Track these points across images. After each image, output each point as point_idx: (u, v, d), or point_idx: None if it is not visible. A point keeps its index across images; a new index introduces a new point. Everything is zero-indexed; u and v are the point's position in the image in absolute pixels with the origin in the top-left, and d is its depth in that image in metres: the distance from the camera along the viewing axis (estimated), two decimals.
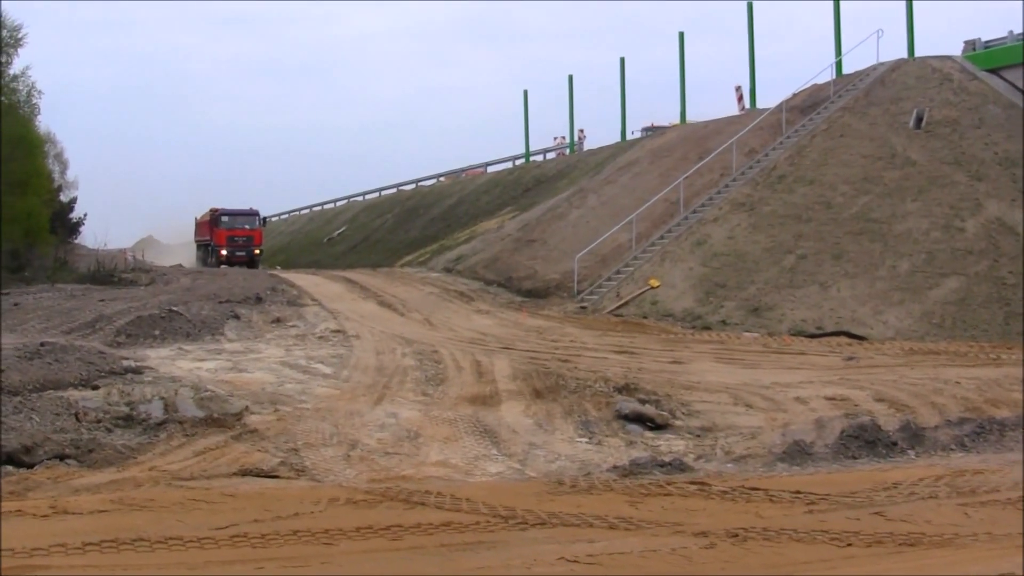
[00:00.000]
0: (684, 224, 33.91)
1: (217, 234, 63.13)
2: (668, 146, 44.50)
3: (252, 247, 62.91)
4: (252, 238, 63.12)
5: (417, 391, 17.80)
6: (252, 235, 63.15)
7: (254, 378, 18.57)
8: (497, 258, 40.52)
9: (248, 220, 63.61)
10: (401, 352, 22.46)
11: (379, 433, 14.28)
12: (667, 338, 25.72)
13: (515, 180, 60.04)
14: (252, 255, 62.55)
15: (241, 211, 64.41)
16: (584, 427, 14.90)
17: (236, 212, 64.21)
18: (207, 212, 67.80)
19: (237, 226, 62.93)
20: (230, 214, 63.71)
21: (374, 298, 34.54)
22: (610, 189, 42.65)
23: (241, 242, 62.59)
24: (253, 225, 63.68)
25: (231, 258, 61.69)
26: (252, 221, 63.79)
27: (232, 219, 63.25)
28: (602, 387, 17.37)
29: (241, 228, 63.02)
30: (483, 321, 29.43)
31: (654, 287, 30.34)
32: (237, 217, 63.61)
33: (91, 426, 13.83)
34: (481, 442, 13.94)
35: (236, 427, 14.12)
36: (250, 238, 62.96)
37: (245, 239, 62.69)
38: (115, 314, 26.50)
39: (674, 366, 20.87)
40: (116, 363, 18.73)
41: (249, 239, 62.88)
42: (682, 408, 16.15)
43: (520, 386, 18.07)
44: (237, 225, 62.98)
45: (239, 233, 62.65)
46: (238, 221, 63.26)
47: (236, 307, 28.97)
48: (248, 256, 62.27)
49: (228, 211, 64.08)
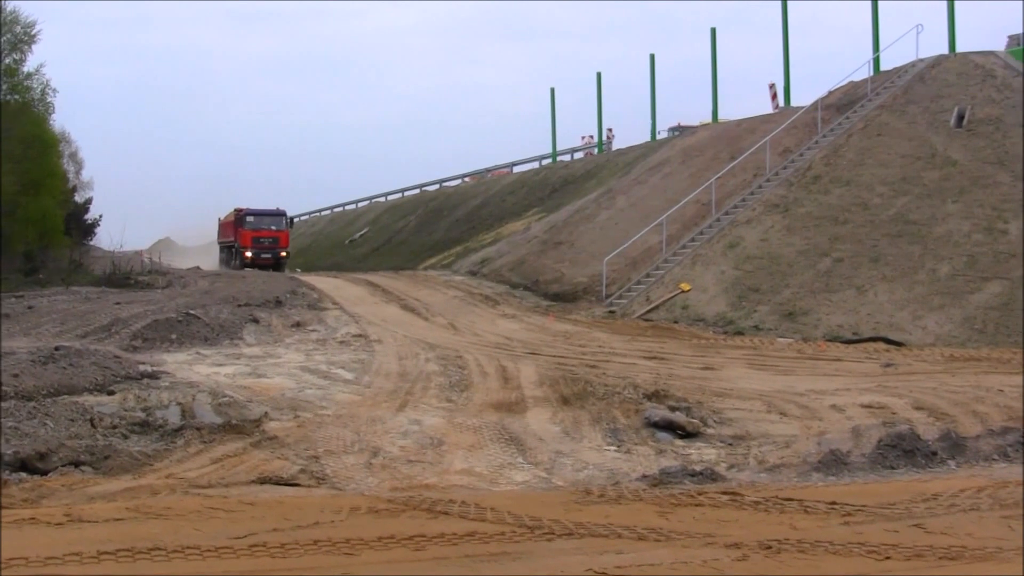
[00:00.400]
0: (716, 226, 33.85)
1: (242, 235, 61.85)
2: (699, 145, 44.44)
3: (278, 249, 61.67)
4: (278, 239, 61.84)
5: (441, 397, 17.81)
6: (278, 236, 61.85)
7: (273, 383, 18.62)
8: (523, 261, 40.52)
9: (274, 220, 62.35)
10: (424, 357, 22.48)
11: (402, 440, 14.28)
12: (698, 343, 25.67)
13: (542, 180, 60.04)
14: (278, 257, 61.38)
15: (267, 211, 63.35)
16: (612, 435, 14.87)
17: (262, 212, 62.93)
18: (231, 212, 66.76)
19: (263, 227, 61.69)
20: (255, 214, 62.44)
21: (397, 302, 34.57)
22: (639, 190, 42.63)
23: (267, 244, 61.37)
24: (280, 226, 62.40)
25: (256, 260, 60.41)
26: (279, 222, 62.53)
27: (258, 219, 61.96)
28: (631, 394, 17.34)
29: (267, 229, 61.75)
30: (509, 325, 29.43)
31: (685, 291, 30.29)
32: (263, 217, 62.34)
33: (107, 432, 13.88)
34: (507, 450, 13.93)
35: (255, 434, 14.15)
36: (276, 239, 61.71)
37: (271, 240, 61.46)
38: (131, 317, 26.59)
39: (705, 372, 20.83)
40: (132, 368, 18.81)
41: (275, 241, 61.65)
42: (714, 416, 16.10)
43: (547, 392, 18.06)
44: (263, 226, 61.72)
45: (265, 234, 61.44)
46: (264, 221, 62.00)
47: (255, 311, 29.05)
48: (274, 258, 61.04)
49: (253, 211, 62.78)
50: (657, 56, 56.19)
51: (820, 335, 25.91)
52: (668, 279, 31.64)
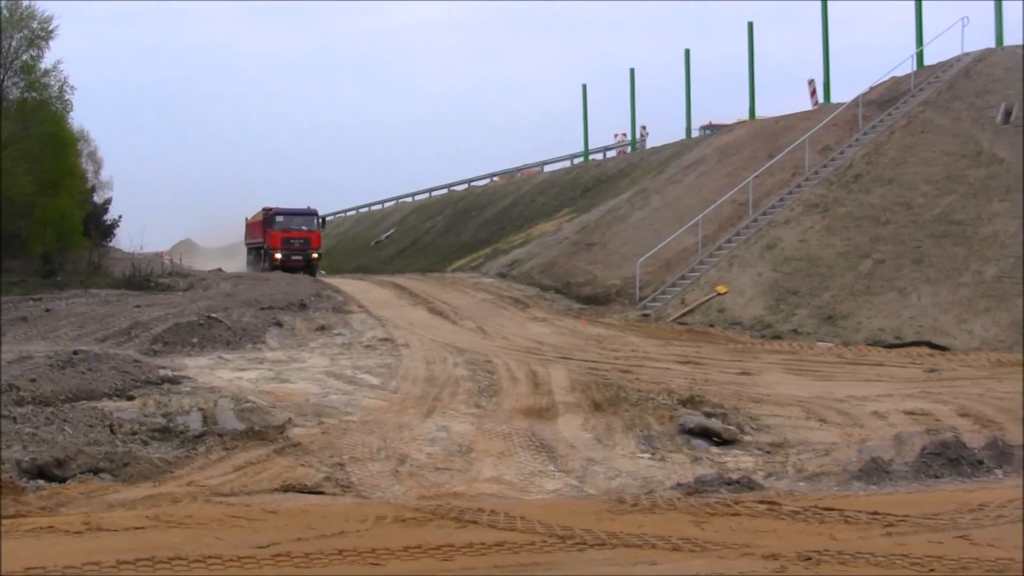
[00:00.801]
0: (753, 227, 33.77)
1: (271, 236, 60.28)
2: (736, 144, 44.35)
3: (309, 250, 60.18)
4: (309, 240, 60.38)
5: (469, 403, 17.83)
6: (309, 237, 60.36)
7: (297, 389, 18.67)
8: (554, 263, 40.52)
9: (305, 220, 60.94)
10: (452, 362, 22.50)
11: (429, 447, 14.30)
12: (735, 348, 25.61)
13: (573, 180, 59.99)
14: (309, 259, 59.78)
15: (298, 210, 62.06)
16: (646, 442, 14.86)
17: (292, 211, 61.52)
18: (259, 212, 65.50)
19: (293, 227, 60.16)
20: (285, 213, 60.97)
21: (424, 305, 34.62)
22: (674, 189, 42.57)
23: (297, 245, 59.94)
24: (311, 226, 61.00)
25: (286, 262, 58.79)
26: (310, 222, 61.12)
27: (287, 219, 60.45)
28: (665, 400, 17.32)
29: (297, 229, 60.23)
30: (539, 329, 29.43)
31: (721, 294, 30.22)
32: (293, 217, 60.85)
33: (126, 438, 13.94)
34: (537, 457, 13.93)
35: (278, 440, 14.19)
36: (307, 240, 60.25)
37: (302, 241, 60.00)
38: (151, 321, 26.71)
39: (742, 378, 20.78)
40: (152, 372, 18.90)
41: (306, 241, 60.18)
42: (751, 422, 16.06)
43: (578, 398, 18.05)
44: (293, 226, 60.20)
45: (295, 235, 59.92)
46: (294, 221, 60.50)
47: (279, 314, 29.14)
48: (305, 260, 59.49)
49: (283, 210, 61.36)
50: (692, 51, 56.25)
51: (861, 339, 25.80)
52: (704, 281, 31.58)
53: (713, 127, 58.03)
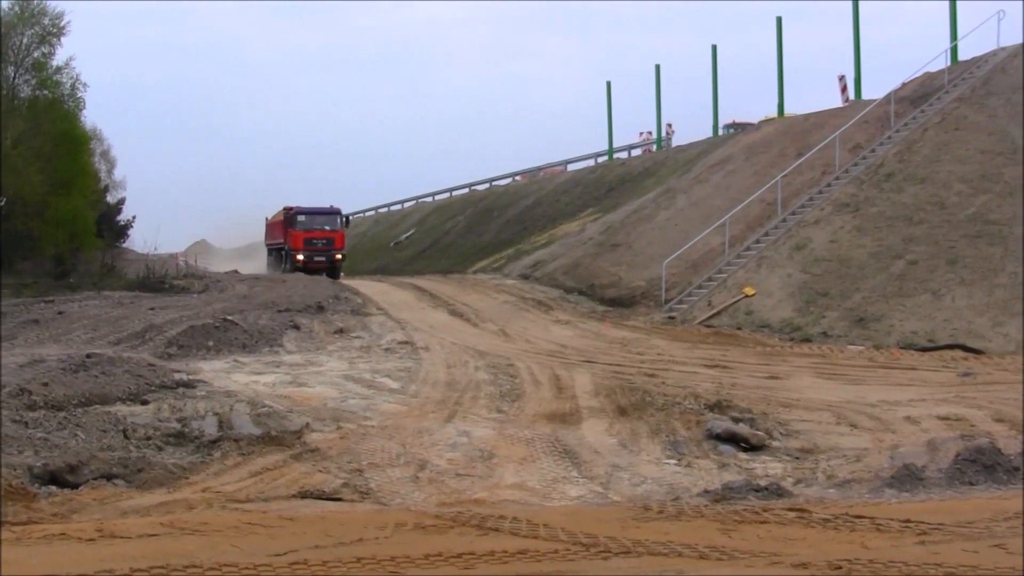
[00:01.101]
0: (782, 227, 33.70)
1: (292, 236, 59.09)
2: (764, 141, 44.27)
3: (333, 251, 58.89)
4: (333, 241, 59.03)
5: (491, 408, 17.82)
6: (333, 237, 58.98)
7: (315, 393, 18.70)
8: (578, 264, 40.51)
9: (328, 220, 59.60)
10: (474, 365, 22.51)
11: (450, 453, 14.30)
12: (763, 351, 25.57)
13: (597, 179, 59.98)
14: (333, 260, 58.57)
15: (320, 209, 60.93)
16: (672, 448, 14.83)
17: (314, 210, 60.42)
18: (279, 211, 64.75)
19: (315, 227, 59.01)
20: (307, 213, 59.87)
21: (445, 307, 34.66)
22: (701, 189, 42.52)
23: (320, 245, 58.60)
24: (334, 226, 59.55)
25: (308, 264, 57.40)
26: (333, 221, 59.71)
27: (310, 219, 59.34)
28: (692, 404, 17.30)
29: (320, 229, 59.03)
30: (562, 332, 29.43)
31: (749, 295, 30.18)
32: (316, 216, 59.69)
33: (140, 443, 13.98)
34: (560, 463, 13.92)
35: (296, 446, 14.20)
36: (331, 241, 58.92)
37: (325, 242, 58.72)
38: (166, 323, 26.78)
39: (771, 382, 20.74)
40: (167, 376, 18.95)
41: (329, 242, 58.87)
42: (779, 427, 16.03)
43: (603, 403, 18.04)
44: (315, 226, 59.05)
45: (318, 235, 58.70)
46: (317, 221, 59.35)
47: (296, 316, 29.20)
48: (328, 261, 58.15)
49: (305, 209, 60.27)
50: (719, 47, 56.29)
51: (893, 342, 25.73)
52: (731, 283, 31.53)
53: (737, 125, 57.93)
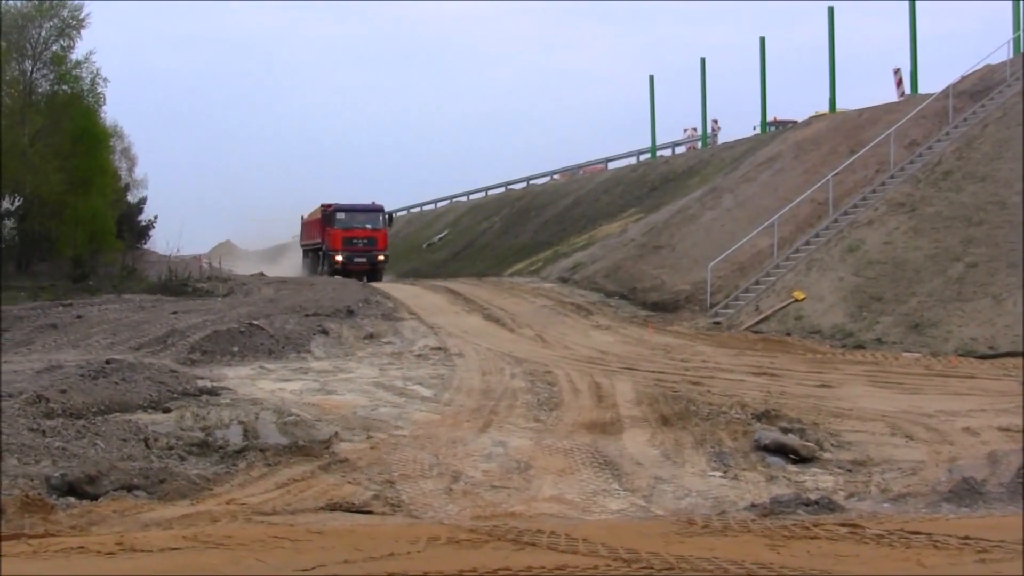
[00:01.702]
0: (834, 227, 33.59)
1: (331, 235, 58.01)
2: (815, 138, 44.13)
3: (375, 252, 57.67)
4: (375, 240, 57.88)
5: (528, 417, 17.83)
6: (375, 236, 57.85)
7: (344, 401, 18.75)
8: (619, 266, 40.48)
9: (370, 217, 58.54)
10: (510, 372, 22.53)
11: (485, 464, 14.31)
12: (813, 358, 25.48)
13: (639, 178, 59.93)
14: (375, 262, 57.45)
15: (361, 206, 59.96)
16: (718, 459, 14.80)
17: (355, 207, 59.37)
18: (316, 209, 63.65)
19: (356, 225, 57.83)
20: (347, 210, 58.75)
21: (479, 311, 34.67)
22: (748, 188, 42.42)
23: (361, 245, 57.33)
24: (376, 224, 58.49)
25: (348, 265, 56.35)
26: (375, 219, 58.64)
27: (350, 216, 58.16)
28: (739, 414, 17.25)
29: (361, 228, 57.80)
30: (603, 338, 29.41)
31: (799, 300, 30.09)
32: (356, 214, 58.62)
33: (162, 453, 14.05)
34: (600, 475, 13.91)
35: (324, 456, 14.24)
36: (372, 240, 57.76)
37: (366, 241, 57.54)
38: (189, 328, 26.90)
39: (822, 390, 20.66)
40: (190, 383, 19.04)
41: (371, 241, 57.70)
42: (831, 438, 15.97)
43: (645, 412, 18.01)
44: (356, 224, 57.88)
45: (359, 234, 57.45)
46: (357, 219, 58.16)
47: (324, 321, 29.28)
48: (370, 263, 57.14)
49: (345, 206, 59.14)
50: (768, 39, 55.88)
51: (951, 349, 25.59)
52: (780, 287, 31.45)
53: (779, 123, 57.75)
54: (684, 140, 66.36)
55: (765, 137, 52.57)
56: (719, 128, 63.64)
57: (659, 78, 71.23)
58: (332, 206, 59.24)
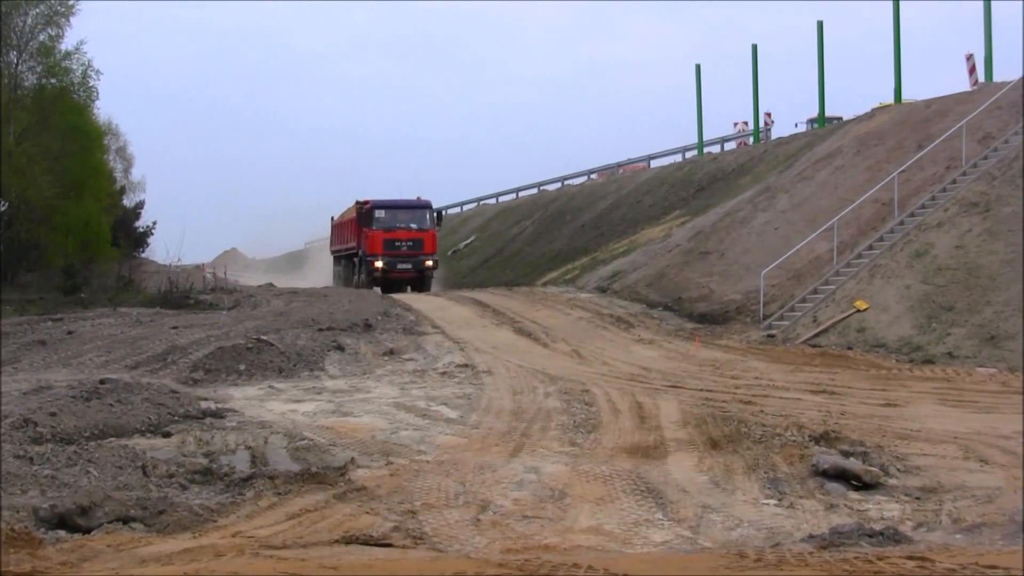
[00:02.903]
0: (899, 230, 33.51)
1: (369, 238, 54.45)
2: (878, 132, 44.05)
3: (422, 257, 54.38)
4: (421, 242, 54.62)
5: (563, 440, 17.83)
6: (421, 238, 54.64)
7: (362, 423, 18.78)
8: (663, 274, 40.48)
9: (415, 216, 55.39)
10: (544, 392, 22.54)
11: (516, 492, 14.32)
12: (877, 374, 25.42)
13: (685, 177, 59.94)
14: (422, 268, 54.31)
15: (405, 202, 56.78)
16: (772, 486, 14.78)
17: (397, 204, 56.16)
18: (350, 208, 60.96)
19: (399, 225, 54.68)
20: (388, 207, 55.41)
21: (510, 324, 34.71)
22: (805, 187, 42.37)
23: (405, 249, 54.01)
24: (423, 224, 55.22)
25: (390, 273, 53.44)
26: (421, 218, 55.46)
27: (391, 215, 54.99)
28: (795, 436, 17.23)
29: (405, 228, 54.64)
30: (645, 353, 29.41)
31: (861, 310, 30.03)
32: (398, 211, 55.44)
33: (161, 481, 14.09)
34: (643, 504, 13.90)
35: (339, 484, 14.27)
36: (418, 243, 54.47)
37: (411, 244, 54.23)
38: (191, 344, 27.02)
39: (887, 410, 20.62)
40: (192, 405, 19.10)
41: (417, 244, 54.41)
42: (897, 463, 15.93)
43: (692, 434, 18.00)
44: (399, 223, 54.74)
45: (402, 235, 54.28)
46: (400, 217, 55.05)
47: (339, 336, 29.37)
48: (416, 270, 54.08)
49: (385, 203, 55.79)
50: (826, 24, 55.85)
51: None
52: (840, 296, 31.39)
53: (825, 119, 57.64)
54: (734, 135, 66.31)
55: (823, 131, 52.47)
56: (772, 122, 63.65)
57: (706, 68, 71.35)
58: (369, 203, 56.18)
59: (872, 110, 51.07)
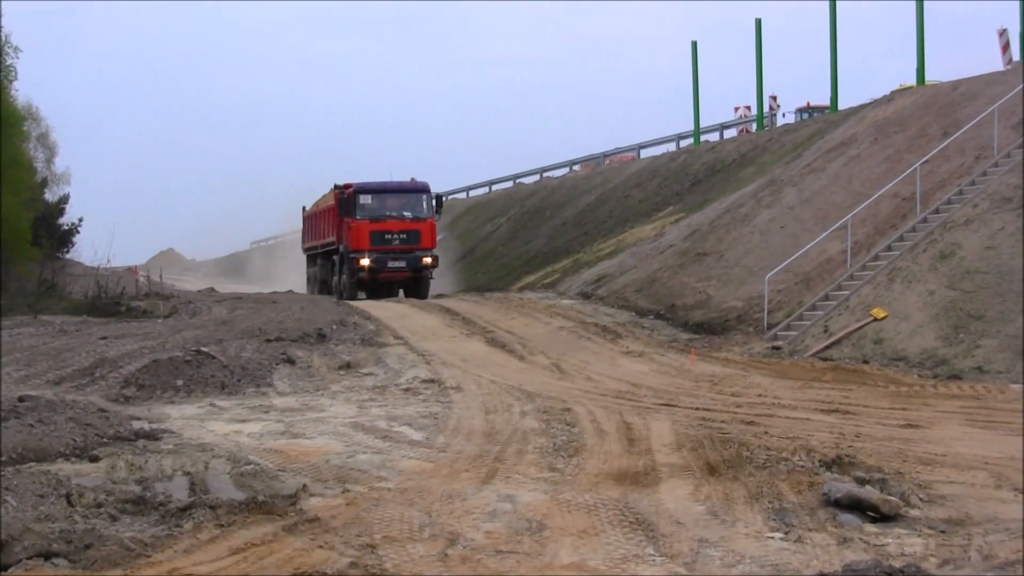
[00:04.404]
0: (922, 229, 33.57)
1: (352, 230, 50.47)
2: (899, 118, 44.15)
3: (418, 253, 50.77)
4: (418, 235, 50.92)
5: (542, 465, 17.85)
6: (418, 230, 50.95)
7: (314, 446, 18.79)
8: (654, 279, 40.56)
9: (409, 202, 51.63)
10: (520, 410, 22.57)
11: (488, 524, 14.33)
12: (897, 391, 25.48)
13: (680, 169, 60.04)
14: (418, 267, 50.87)
15: (397, 185, 52.77)
16: (778, 517, 14.82)
17: (387, 188, 52.08)
18: (328, 194, 56.99)
19: (389, 213, 50.93)
20: (375, 191, 51.32)
21: (481, 335, 34.74)
22: (814, 180, 42.46)
23: (398, 242, 50.44)
24: (419, 211, 51.56)
25: (380, 274, 50.22)
26: (416, 204, 51.70)
27: (380, 200, 51.05)
28: (803, 461, 17.27)
29: (397, 217, 50.97)
30: (634, 367, 29.45)
31: (878, 319, 30.09)
32: (388, 197, 51.43)
33: (88, 512, 14.06)
34: (631, 537, 13.92)
35: (289, 514, 14.27)
36: (414, 235, 50.79)
37: (404, 237, 50.58)
38: (122, 357, 26.98)
39: (908, 431, 20.67)
40: (123, 425, 19.07)
41: (412, 237, 50.77)
42: (919, 491, 15.97)
43: (687, 459, 18.03)
44: (389, 212, 51.01)
45: (394, 226, 50.57)
46: (390, 204, 51.21)
47: (290, 348, 29.37)
48: (411, 269, 50.71)
49: (371, 186, 51.68)
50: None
51: None
52: (855, 303, 31.46)
53: (812, 109, 57.64)
54: (735, 122, 66.40)
55: (836, 117, 52.51)
56: (778, 107, 63.71)
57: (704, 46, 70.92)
58: (352, 187, 52.08)
59: (891, 93, 51.10)
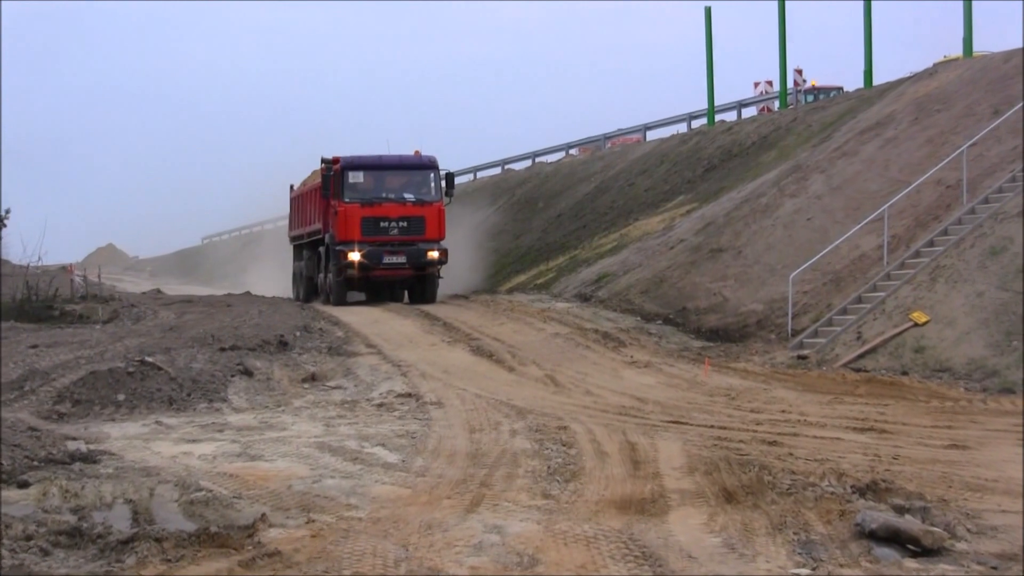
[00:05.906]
0: (969, 221, 33.55)
1: (340, 216, 46.99)
2: (942, 95, 44.14)
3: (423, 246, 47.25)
4: (422, 223, 47.27)
5: (535, 491, 17.84)
6: (422, 216, 47.28)
7: (275, 470, 18.78)
8: (663, 278, 40.55)
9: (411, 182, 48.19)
10: (509, 429, 22.56)
11: (473, 558, 14.33)
12: (941, 407, 25.48)
13: (691, 152, 60.02)
14: (423, 264, 47.45)
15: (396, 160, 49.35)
16: (804, 551, 14.81)
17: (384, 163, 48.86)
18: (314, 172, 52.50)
19: (387, 195, 47.60)
20: (370, 167, 47.94)
21: (465, 342, 34.74)
22: (845, 165, 42.45)
23: (397, 232, 46.99)
24: (424, 193, 47.93)
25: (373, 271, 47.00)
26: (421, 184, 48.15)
27: (375, 179, 47.76)
28: (833, 487, 17.26)
29: (396, 200, 47.54)
30: (640, 379, 29.45)
31: (919, 324, 30.08)
32: (386, 174, 48.37)
33: (16, 545, 14.04)
34: (636, 573, 13.93)
35: (246, 547, 14.25)
36: (417, 223, 47.21)
37: (405, 226, 47.09)
38: (55, 368, 26.95)
39: (953, 453, 20.68)
40: (56, 446, 19.05)
41: (416, 226, 47.19)
42: (967, 521, 15.97)
43: (700, 484, 18.03)
44: (387, 193, 47.70)
45: (392, 211, 47.15)
46: (389, 184, 48.10)
47: (247, 357, 29.35)
48: (414, 265, 47.28)
49: (365, 160, 48.18)
50: None
51: None
52: (892, 306, 31.45)
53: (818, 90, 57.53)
54: (755, 99, 66.35)
55: (871, 93, 52.43)
56: (804, 82, 63.58)
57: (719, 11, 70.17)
58: (342, 161, 48.24)
59: (934, 65, 51.05)
